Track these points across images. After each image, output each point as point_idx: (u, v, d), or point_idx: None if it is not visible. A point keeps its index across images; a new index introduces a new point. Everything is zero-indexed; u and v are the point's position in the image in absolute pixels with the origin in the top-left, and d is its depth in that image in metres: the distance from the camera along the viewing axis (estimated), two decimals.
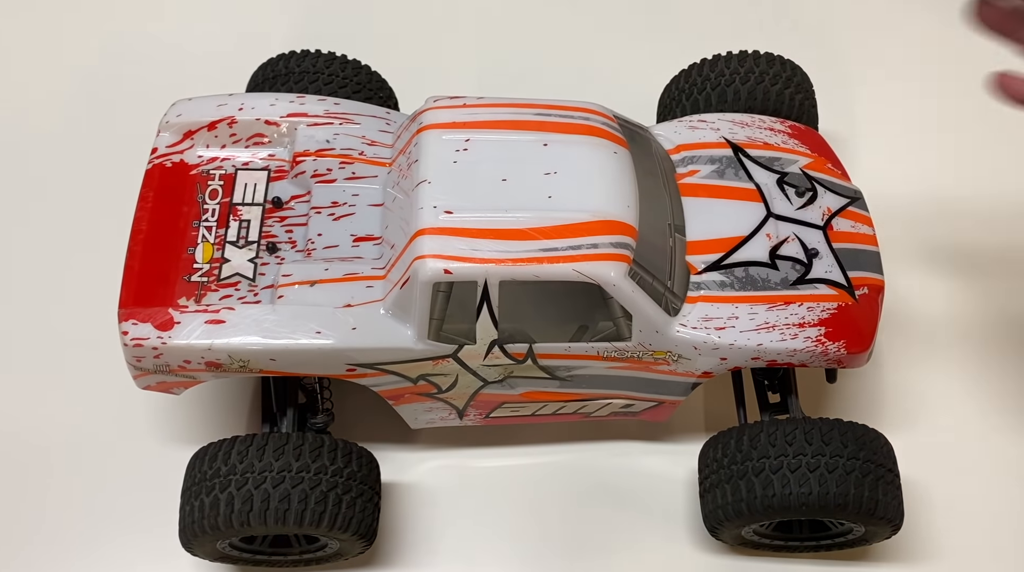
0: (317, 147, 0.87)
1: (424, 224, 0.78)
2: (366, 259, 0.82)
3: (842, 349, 0.84)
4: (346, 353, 0.80)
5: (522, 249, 0.77)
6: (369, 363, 0.81)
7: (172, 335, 0.78)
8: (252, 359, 0.79)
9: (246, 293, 0.81)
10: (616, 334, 0.81)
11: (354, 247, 0.83)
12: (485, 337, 0.80)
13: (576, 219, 0.79)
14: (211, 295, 0.81)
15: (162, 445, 0.93)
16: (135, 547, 0.88)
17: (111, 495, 0.91)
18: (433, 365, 0.82)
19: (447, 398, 0.86)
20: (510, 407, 0.87)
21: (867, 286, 0.87)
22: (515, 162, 0.81)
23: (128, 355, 0.80)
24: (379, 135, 0.89)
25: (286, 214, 0.86)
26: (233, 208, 0.85)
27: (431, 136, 0.83)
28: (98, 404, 0.95)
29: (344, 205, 0.85)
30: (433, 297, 0.77)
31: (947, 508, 0.93)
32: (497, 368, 0.82)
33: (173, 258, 0.82)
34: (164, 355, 0.79)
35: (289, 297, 0.80)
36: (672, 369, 0.84)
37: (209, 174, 0.87)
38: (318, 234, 0.83)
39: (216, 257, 0.83)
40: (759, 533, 0.87)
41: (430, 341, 0.80)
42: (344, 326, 0.79)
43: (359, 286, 0.80)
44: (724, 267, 0.85)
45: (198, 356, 0.79)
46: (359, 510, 0.78)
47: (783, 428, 0.81)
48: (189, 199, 0.86)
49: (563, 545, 0.91)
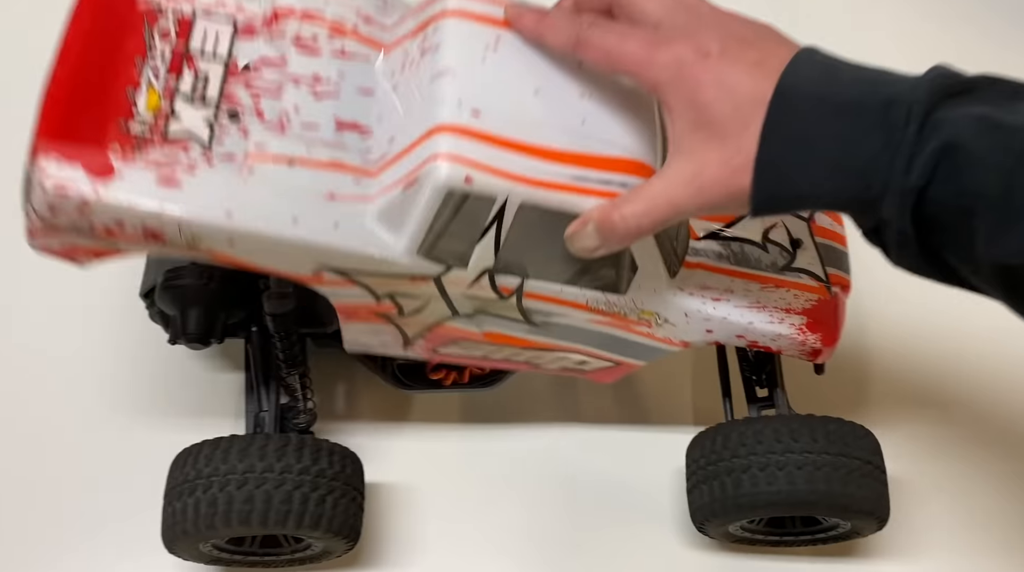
0: (304, 6, 0.73)
1: (445, 119, 0.66)
2: (352, 150, 0.70)
3: (818, 341, 0.83)
4: (321, 251, 0.68)
5: (552, 171, 0.68)
6: (342, 269, 0.70)
7: (111, 187, 0.63)
8: (206, 237, 0.66)
9: (197, 158, 0.66)
10: (614, 284, 0.76)
11: (337, 133, 0.70)
12: (479, 263, 0.71)
13: (610, 153, 0.69)
14: (153, 151, 0.65)
15: (148, 444, 0.94)
16: (120, 547, 0.90)
17: (94, 495, 0.92)
18: (409, 283, 0.72)
19: (402, 324, 0.77)
20: (463, 345, 0.80)
21: (839, 285, 0.86)
22: (549, 76, 0.70)
23: (39, 201, 0.62)
24: (376, 13, 0.76)
25: (253, 79, 0.70)
26: (188, 56, 0.69)
27: (457, 24, 0.70)
28: (80, 399, 0.96)
29: (328, 82, 0.72)
30: (441, 207, 0.67)
31: (939, 501, 0.92)
32: (474, 301, 0.75)
33: (109, 95, 0.65)
34: (93, 211, 0.63)
35: (262, 173, 0.67)
36: (651, 332, 0.81)
37: (161, 10, 0.70)
38: (295, 108, 0.70)
39: (163, 109, 0.67)
40: (748, 529, 0.87)
41: (418, 257, 0.70)
42: (326, 220, 0.67)
43: (346, 178, 0.69)
44: (722, 238, 0.83)
45: (138, 220, 0.64)
46: (331, 507, 0.79)
47: (754, 426, 0.81)
48: (134, 32, 0.68)
49: (552, 542, 0.91)
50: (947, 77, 0.60)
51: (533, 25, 0.70)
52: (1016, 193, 0.55)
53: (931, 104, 0.58)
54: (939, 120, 0.58)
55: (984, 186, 0.56)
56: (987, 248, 0.57)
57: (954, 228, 0.58)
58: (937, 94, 0.59)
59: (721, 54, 0.64)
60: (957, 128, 0.57)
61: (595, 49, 0.67)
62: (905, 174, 0.58)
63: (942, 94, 0.59)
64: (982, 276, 0.59)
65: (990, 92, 0.59)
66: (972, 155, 0.56)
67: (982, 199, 0.56)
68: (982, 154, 0.56)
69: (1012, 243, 0.56)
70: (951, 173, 0.57)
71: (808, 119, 0.61)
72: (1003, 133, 0.56)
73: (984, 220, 0.57)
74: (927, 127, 0.58)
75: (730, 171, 0.63)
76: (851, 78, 0.62)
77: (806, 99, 0.61)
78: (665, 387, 0.97)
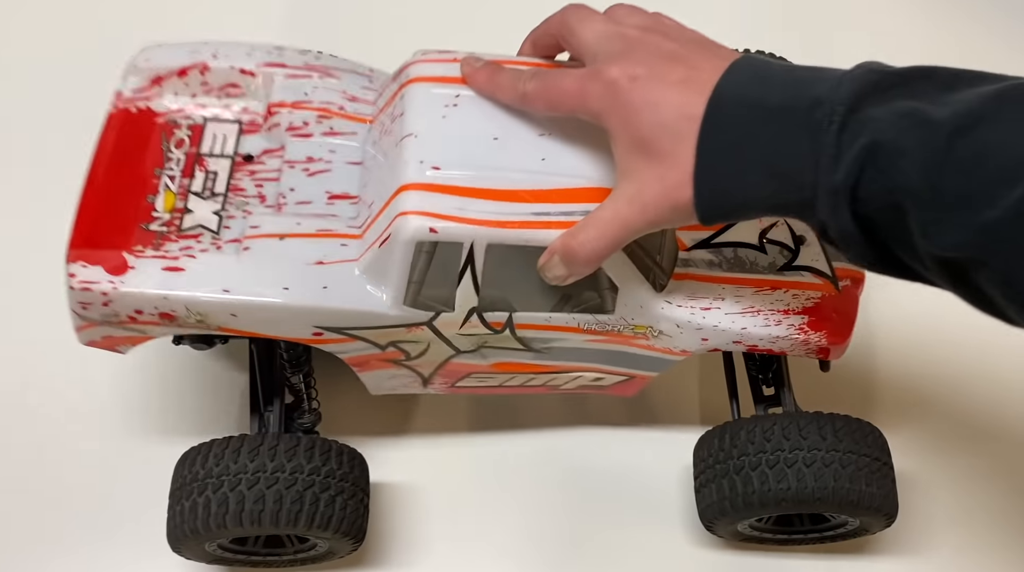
0: (294, 99, 0.82)
1: (409, 179, 0.73)
2: (341, 218, 0.78)
3: (823, 339, 0.83)
4: (315, 314, 0.75)
5: (513, 211, 0.73)
6: (338, 327, 0.77)
7: (125, 281, 0.73)
8: (211, 313, 0.74)
9: (208, 245, 0.76)
10: (599, 306, 0.79)
11: (329, 205, 0.78)
12: (464, 304, 0.77)
13: (570, 184, 0.74)
14: (170, 245, 0.75)
15: (151, 444, 0.94)
16: (126, 548, 0.90)
17: (101, 495, 0.92)
18: (406, 332, 0.78)
19: (414, 366, 0.83)
20: (478, 377, 0.85)
21: (849, 278, 0.86)
22: (507, 121, 0.76)
23: (73, 300, 0.74)
24: (361, 92, 0.85)
25: (256, 168, 0.81)
26: (200, 158, 0.81)
27: (419, 89, 0.77)
28: (81, 399, 0.96)
29: (320, 161, 0.81)
30: (415, 258, 0.73)
31: (947, 497, 0.92)
32: (472, 337, 0.80)
33: (131, 204, 0.77)
34: (114, 302, 0.73)
35: (256, 249, 0.75)
36: (650, 344, 0.83)
37: (176, 123, 0.82)
38: (291, 189, 0.79)
39: (178, 207, 0.78)
40: (757, 528, 0.87)
41: (406, 306, 0.76)
42: (315, 284, 0.74)
43: (333, 243, 0.76)
44: (713, 246, 0.84)
45: (151, 306, 0.73)
46: (340, 508, 0.79)
47: (762, 424, 0.81)
48: (153, 147, 0.80)
49: (559, 542, 0.91)
50: (874, 72, 0.60)
51: (484, 84, 0.76)
52: (942, 188, 0.55)
53: (855, 102, 0.59)
54: (864, 118, 0.58)
55: (911, 181, 0.56)
56: (923, 243, 0.57)
57: (891, 225, 0.59)
58: (862, 91, 0.59)
59: (648, 75, 0.66)
60: (882, 125, 0.57)
61: (537, 99, 0.72)
62: (831, 174, 0.59)
63: (869, 90, 0.59)
64: (930, 271, 0.60)
65: (922, 84, 0.59)
66: (896, 151, 0.57)
67: (911, 195, 0.57)
68: (907, 150, 0.56)
69: (945, 237, 0.56)
70: (878, 171, 0.57)
71: (740, 127, 0.62)
72: (929, 128, 0.56)
73: (915, 216, 0.57)
74: (850, 125, 0.58)
75: (669, 186, 0.65)
76: (782, 81, 0.62)
77: (738, 107, 0.62)
78: (671, 386, 0.97)
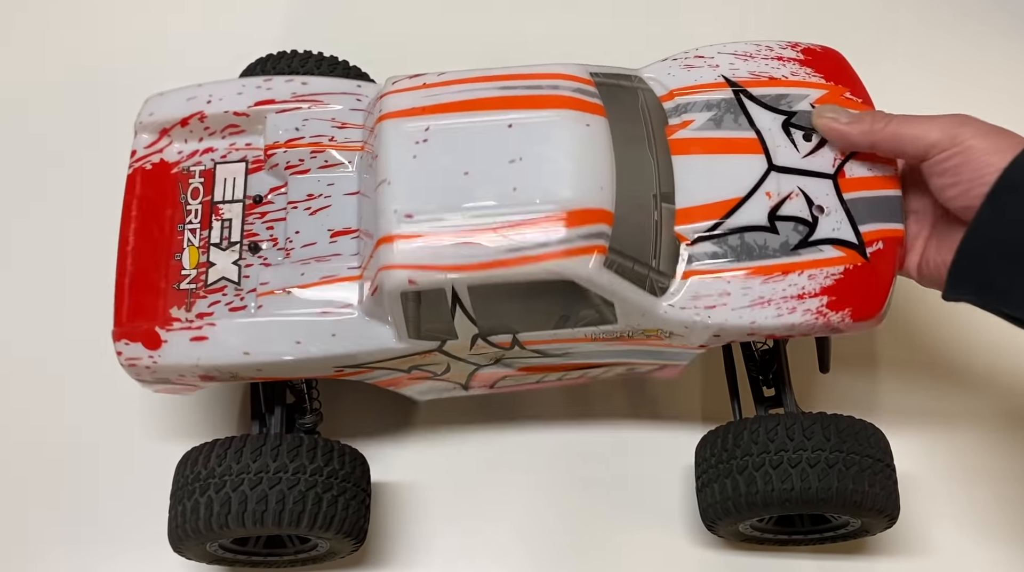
0: (287, 137, 0.85)
1: (385, 231, 0.76)
2: (344, 256, 0.81)
3: (847, 318, 0.79)
4: (328, 360, 0.80)
5: (487, 253, 0.74)
6: (354, 365, 0.81)
7: (161, 354, 0.80)
8: (239, 371, 0.81)
9: (232, 298, 0.81)
10: (601, 319, 0.78)
11: (332, 243, 0.82)
12: (466, 333, 0.79)
13: (544, 212, 0.75)
14: (200, 302, 0.81)
15: (157, 444, 0.94)
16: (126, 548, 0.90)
17: (101, 495, 0.93)
18: (421, 358, 0.81)
19: (447, 378, 0.86)
20: (512, 379, 0.87)
21: (882, 239, 0.80)
22: (477, 151, 0.77)
23: (128, 373, 0.82)
24: (351, 115, 0.86)
25: (266, 209, 0.85)
26: (215, 207, 0.85)
27: (390, 128, 0.79)
28: (81, 400, 0.97)
29: (320, 197, 0.84)
30: (403, 304, 0.77)
31: (948, 498, 0.92)
32: (487, 354, 0.82)
33: (162, 267, 0.83)
34: (158, 372, 0.81)
35: (268, 306, 0.80)
36: (668, 342, 0.81)
37: (189, 171, 0.86)
38: (296, 232, 0.83)
39: (202, 261, 0.83)
40: (758, 528, 0.87)
41: (411, 340, 0.79)
42: (324, 334, 0.79)
43: (336, 290, 0.80)
44: (717, 236, 0.80)
45: (189, 371, 0.80)
46: (342, 508, 0.79)
47: (765, 424, 0.80)
48: (172, 201, 0.85)
49: (559, 541, 0.91)
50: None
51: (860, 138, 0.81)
52: None
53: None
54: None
55: None
56: None
57: None
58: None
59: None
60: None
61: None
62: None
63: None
64: None
65: None
66: None
67: None
68: None
69: None
70: None
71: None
72: None
73: None
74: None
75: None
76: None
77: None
78: (673, 386, 0.97)
